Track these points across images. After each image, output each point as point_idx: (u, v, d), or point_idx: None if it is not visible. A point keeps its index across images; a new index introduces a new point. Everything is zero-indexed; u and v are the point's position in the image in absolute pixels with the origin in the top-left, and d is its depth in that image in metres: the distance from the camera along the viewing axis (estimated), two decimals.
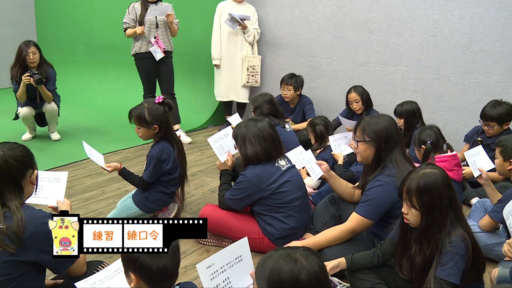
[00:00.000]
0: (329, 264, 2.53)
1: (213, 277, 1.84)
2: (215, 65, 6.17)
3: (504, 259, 2.45)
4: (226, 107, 6.46)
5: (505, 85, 4.84)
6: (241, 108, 6.34)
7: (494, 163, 3.37)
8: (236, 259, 1.91)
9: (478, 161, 3.46)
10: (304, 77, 5.66)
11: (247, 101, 6.28)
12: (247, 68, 6.10)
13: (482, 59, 4.93)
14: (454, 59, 5.09)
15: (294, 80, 5.49)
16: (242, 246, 1.95)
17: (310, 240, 2.94)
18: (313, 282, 1.45)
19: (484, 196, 3.71)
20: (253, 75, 6.16)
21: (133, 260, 1.69)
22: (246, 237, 2.00)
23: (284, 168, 3.10)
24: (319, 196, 3.67)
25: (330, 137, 4.11)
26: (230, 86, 6.20)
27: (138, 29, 5.31)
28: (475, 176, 3.39)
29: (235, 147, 3.24)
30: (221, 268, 1.86)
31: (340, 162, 3.98)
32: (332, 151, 4.09)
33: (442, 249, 2.26)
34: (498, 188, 3.48)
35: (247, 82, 6.16)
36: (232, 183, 3.35)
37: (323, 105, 6.07)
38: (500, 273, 2.67)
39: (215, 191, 4.10)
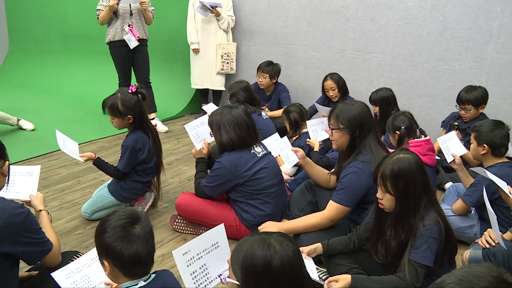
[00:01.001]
0: (305, 249, 2.55)
1: (189, 264, 1.83)
2: (193, 49, 6.10)
3: (475, 241, 2.50)
4: (202, 95, 6.42)
5: (477, 72, 4.91)
6: (217, 95, 6.31)
7: (469, 148, 3.43)
8: (212, 245, 1.91)
9: (451, 147, 3.51)
10: (280, 65, 5.66)
11: (222, 88, 6.25)
12: (221, 56, 6.06)
13: (455, 46, 4.98)
14: (429, 46, 5.13)
15: (270, 68, 5.49)
16: (218, 232, 1.95)
17: (287, 224, 2.97)
18: (286, 267, 1.46)
19: (457, 180, 3.77)
20: (228, 63, 6.12)
21: (105, 247, 1.68)
22: (223, 223, 2.00)
23: (260, 155, 3.10)
24: (296, 183, 3.69)
25: (307, 122, 4.12)
26: (205, 73, 6.15)
27: (111, 2, 5.19)
28: (449, 161, 3.44)
29: (210, 134, 3.23)
30: (198, 254, 1.86)
31: (316, 149, 4.00)
32: (308, 138, 4.10)
33: (416, 232, 2.30)
34: (470, 173, 3.54)
35: (222, 69, 6.12)
36: (208, 171, 3.34)
37: (299, 93, 6.08)
38: (472, 254, 2.72)
39: (191, 180, 4.08)
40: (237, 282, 1.49)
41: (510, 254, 2.30)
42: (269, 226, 2.95)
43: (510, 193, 2.66)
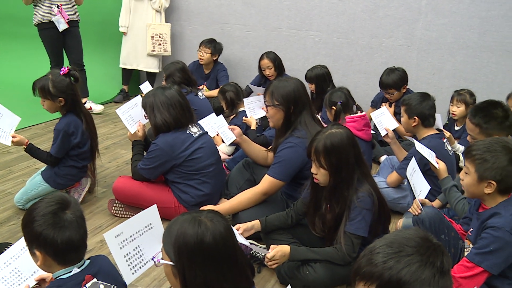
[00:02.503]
0: (243, 227, 2.57)
1: (123, 246, 1.80)
2: (122, 32, 5.96)
3: (408, 210, 2.60)
4: (125, 76, 6.25)
5: (408, 49, 5.06)
6: (151, 77, 6.14)
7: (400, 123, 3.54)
8: (146, 227, 1.88)
9: (384, 121, 3.61)
10: (222, 45, 5.65)
11: (156, 70, 6.11)
12: (152, 37, 5.89)
13: (387, 24, 5.10)
14: (362, 23, 5.23)
15: (213, 45, 5.48)
16: (151, 213, 1.92)
17: (225, 205, 2.97)
18: (219, 243, 1.46)
19: (392, 154, 3.89)
20: (160, 44, 5.97)
21: (36, 236, 1.63)
22: (155, 204, 1.97)
23: (196, 135, 3.08)
24: (234, 162, 3.70)
25: (245, 100, 4.12)
26: (135, 54, 6.00)
27: None
28: (382, 135, 3.54)
29: (145, 116, 3.18)
30: (131, 236, 1.82)
31: (253, 127, 4.01)
32: (244, 116, 4.11)
33: (350, 205, 2.36)
34: (404, 146, 3.67)
35: (152, 50, 5.95)
36: (145, 153, 3.29)
37: (237, 72, 6.06)
38: (404, 223, 2.84)
39: (129, 163, 3.97)
40: (171, 263, 1.48)
41: (436, 220, 2.41)
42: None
43: (437, 163, 2.78)
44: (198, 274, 1.45)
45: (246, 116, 4.10)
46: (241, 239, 2.40)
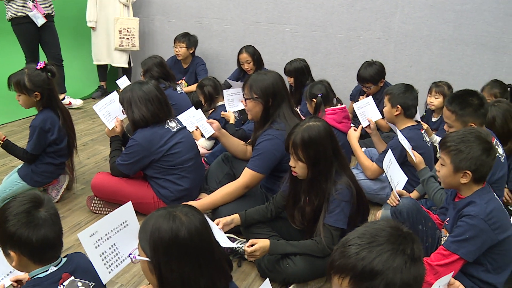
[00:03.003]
0: (222, 221, 2.57)
1: (98, 245, 1.76)
2: (90, 27, 5.85)
3: (387, 201, 2.63)
4: (100, 72, 6.15)
5: (386, 41, 5.09)
6: (127, 73, 6.03)
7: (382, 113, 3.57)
8: (121, 224, 1.85)
9: (367, 112, 3.63)
10: (197, 36, 5.62)
11: (125, 65, 6.00)
12: (120, 31, 5.76)
13: (365, 17, 5.12)
14: (340, 17, 5.24)
15: (187, 38, 5.44)
16: (126, 210, 1.88)
17: (205, 200, 2.96)
18: (194, 238, 1.46)
19: (371, 146, 3.92)
20: (128, 38, 5.83)
21: (9, 237, 1.60)
22: (130, 201, 1.94)
23: (175, 130, 3.07)
24: (213, 156, 3.68)
25: (224, 91, 4.10)
26: (106, 49, 5.88)
27: None
28: (364, 126, 3.57)
29: (122, 112, 3.16)
30: (106, 235, 1.79)
31: (232, 121, 4.00)
32: (223, 111, 4.10)
33: (329, 197, 2.38)
34: (384, 139, 3.70)
35: (120, 45, 5.82)
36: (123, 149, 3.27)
37: (215, 66, 6.04)
38: (383, 214, 2.87)
39: (108, 159, 3.96)
40: (147, 259, 1.47)
41: (413, 210, 2.44)
42: None
43: (413, 155, 2.82)
44: (174, 269, 1.45)
45: (225, 111, 4.09)
46: (220, 235, 2.39)
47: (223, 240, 2.33)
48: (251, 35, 5.73)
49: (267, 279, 1.56)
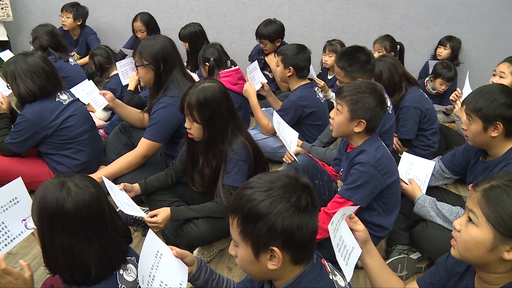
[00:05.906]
0: (126, 186, 2.50)
1: None
2: None
3: (282, 159, 2.70)
4: None
5: (280, 2, 5.14)
6: (7, 47, 5.53)
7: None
8: (10, 202, 1.74)
9: (257, 76, 3.66)
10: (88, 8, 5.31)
11: (5, 38, 5.57)
12: None
13: None
14: None
15: (75, 8, 5.12)
16: (16, 187, 1.77)
17: (104, 171, 2.88)
18: (81, 210, 1.40)
19: (269, 105, 3.97)
20: (1, 8, 5.44)
21: None
22: (20, 177, 1.83)
23: (66, 103, 2.91)
24: (113, 126, 3.56)
25: (117, 63, 3.93)
26: None
27: None
28: (257, 89, 3.59)
29: (7, 87, 2.95)
30: None
31: (130, 87, 3.86)
32: (118, 80, 3.95)
33: (226, 158, 2.39)
34: (280, 98, 3.76)
35: None
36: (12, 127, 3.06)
37: (109, 35, 5.79)
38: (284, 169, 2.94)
39: None
40: (34, 227, 1.41)
41: (309, 166, 2.53)
42: None
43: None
44: (57, 240, 1.40)
45: (119, 80, 3.94)
46: (125, 201, 2.30)
47: (128, 207, 2.25)
48: (145, 1, 5.53)
49: (150, 230, 1.56)
